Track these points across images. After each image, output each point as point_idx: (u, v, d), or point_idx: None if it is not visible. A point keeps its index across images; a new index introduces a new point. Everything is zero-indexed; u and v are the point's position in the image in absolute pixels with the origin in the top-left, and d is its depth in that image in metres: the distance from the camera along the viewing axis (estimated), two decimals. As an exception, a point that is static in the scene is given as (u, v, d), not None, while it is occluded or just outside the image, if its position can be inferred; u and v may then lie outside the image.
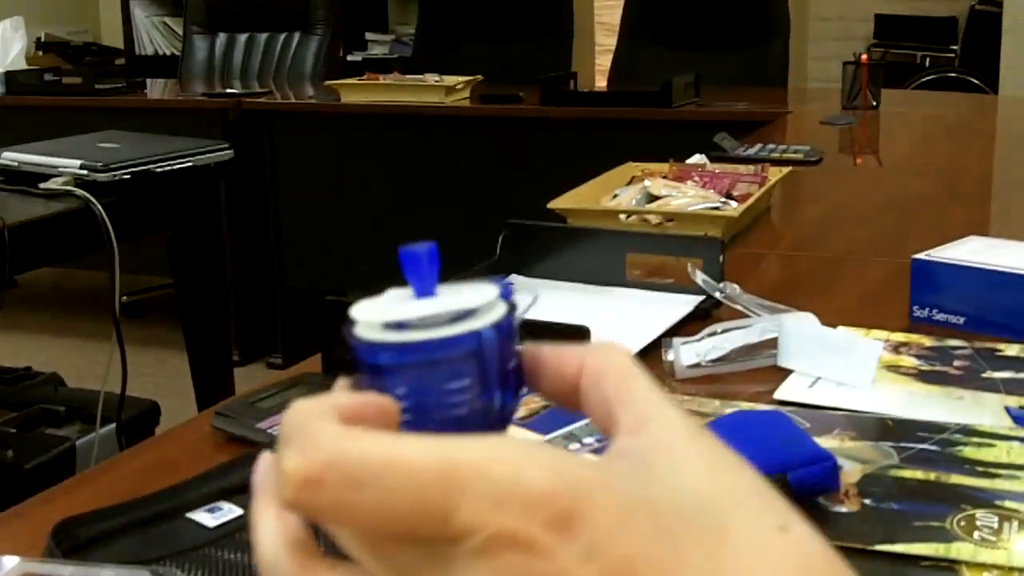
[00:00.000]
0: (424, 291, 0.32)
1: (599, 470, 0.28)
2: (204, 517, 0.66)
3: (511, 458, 0.27)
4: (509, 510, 0.26)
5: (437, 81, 3.16)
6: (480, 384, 0.31)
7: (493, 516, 0.26)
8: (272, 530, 0.30)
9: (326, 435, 0.28)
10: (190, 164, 2.01)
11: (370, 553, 0.28)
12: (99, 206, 1.80)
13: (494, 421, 0.32)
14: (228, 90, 3.46)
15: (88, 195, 1.81)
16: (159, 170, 1.95)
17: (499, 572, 0.26)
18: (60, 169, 1.88)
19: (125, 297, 3.57)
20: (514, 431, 0.66)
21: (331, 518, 0.28)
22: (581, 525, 0.26)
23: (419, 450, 0.27)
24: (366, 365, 0.31)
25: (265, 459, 0.31)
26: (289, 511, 0.29)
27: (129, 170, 1.89)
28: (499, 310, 0.31)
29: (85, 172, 1.86)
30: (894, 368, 0.90)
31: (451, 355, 0.30)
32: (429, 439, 0.27)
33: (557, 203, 1.39)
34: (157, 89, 3.81)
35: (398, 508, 0.27)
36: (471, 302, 0.31)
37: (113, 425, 1.91)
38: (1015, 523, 0.63)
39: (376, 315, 0.31)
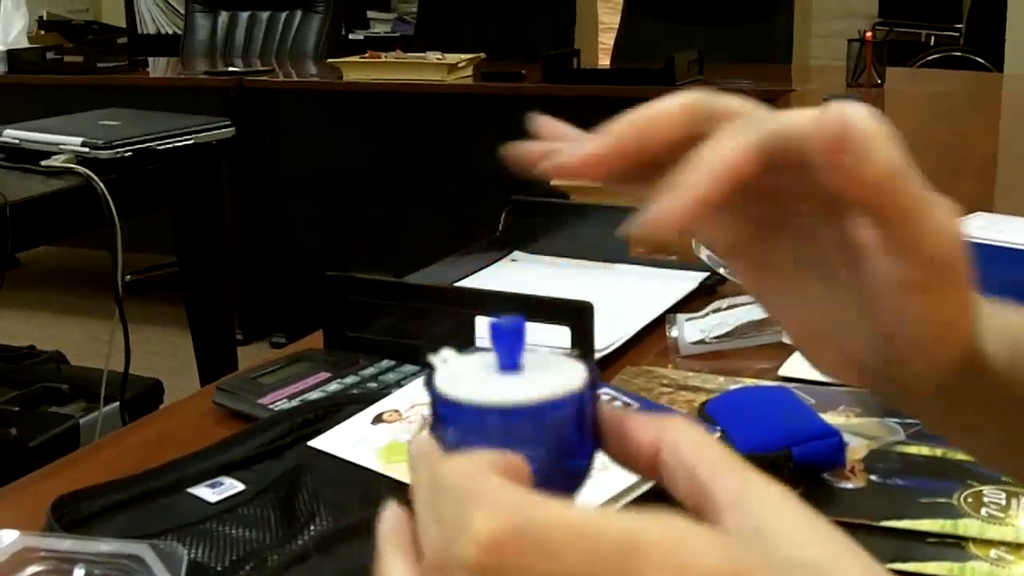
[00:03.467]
0: (510, 365, 0.33)
1: (746, 549, 0.30)
2: (205, 492, 0.66)
3: (687, 536, 0.28)
4: None
5: (439, 59, 3.14)
6: (568, 447, 0.32)
7: None
8: None
9: (510, 498, 0.28)
10: (191, 141, 2.00)
11: None
12: (100, 183, 1.79)
13: (579, 479, 0.33)
14: (230, 68, 3.45)
15: (90, 172, 1.80)
16: (161, 147, 1.94)
17: None
18: (61, 146, 1.87)
19: (128, 276, 3.56)
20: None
21: None
22: None
23: (604, 521, 0.28)
24: (465, 424, 0.32)
25: (394, 512, 0.33)
26: (460, 573, 0.29)
27: (131, 147, 1.88)
28: (585, 377, 0.33)
29: (86, 149, 1.85)
30: (900, 344, 0.89)
31: (553, 418, 0.32)
32: (607, 511, 0.29)
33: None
34: (159, 67, 3.80)
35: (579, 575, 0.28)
36: (565, 385, 0.32)
37: (117, 403, 1.91)
38: (1023, 500, 0.63)
39: (474, 391, 0.32)
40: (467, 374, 0.33)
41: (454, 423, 0.32)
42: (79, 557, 0.51)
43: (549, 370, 0.33)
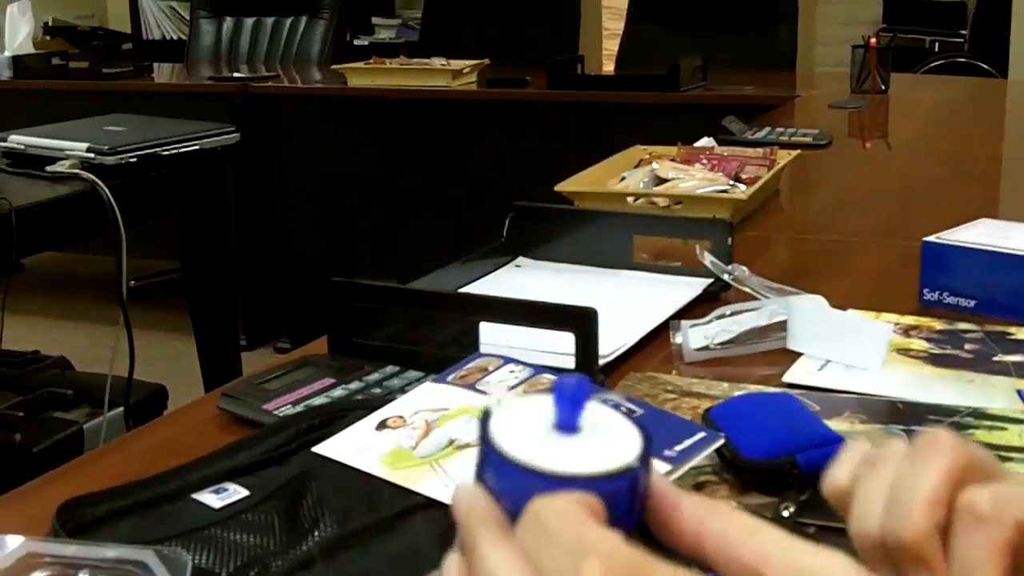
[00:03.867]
0: (569, 426, 0.33)
1: None
2: (210, 498, 0.66)
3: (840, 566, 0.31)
4: None
5: (444, 65, 3.14)
6: (616, 517, 0.33)
7: None
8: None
9: (623, 552, 0.30)
10: (196, 147, 2.00)
11: None
12: (106, 189, 1.79)
13: None
14: (235, 74, 3.45)
15: (95, 178, 1.80)
16: (165, 153, 1.94)
17: None
18: (67, 152, 1.87)
19: (133, 281, 3.57)
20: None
21: None
22: None
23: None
24: (519, 482, 0.32)
25: (469, 489, 0.33)
26: None
27: (136, 153, 1.88)
28: (640, 447, 0.34)
29: (92, 155, 1.85)
30: (904, 351, 0.89)
31: (606, 491, 0.33)
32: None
33: (564, 186, 1.39)
34: (164, 73, 3.80)
35: None
36: (621, 458, 0.33)
37: (121, 409, 1.91)
38: (1026, 506, 0.63)
39: (532, 453, 0.32)
40: (524, 429, 0.33)
41: (508, 479, 0.32)
42: (84, 563, 0.51)
43: (606, 437, 0.33)
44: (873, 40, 2.79)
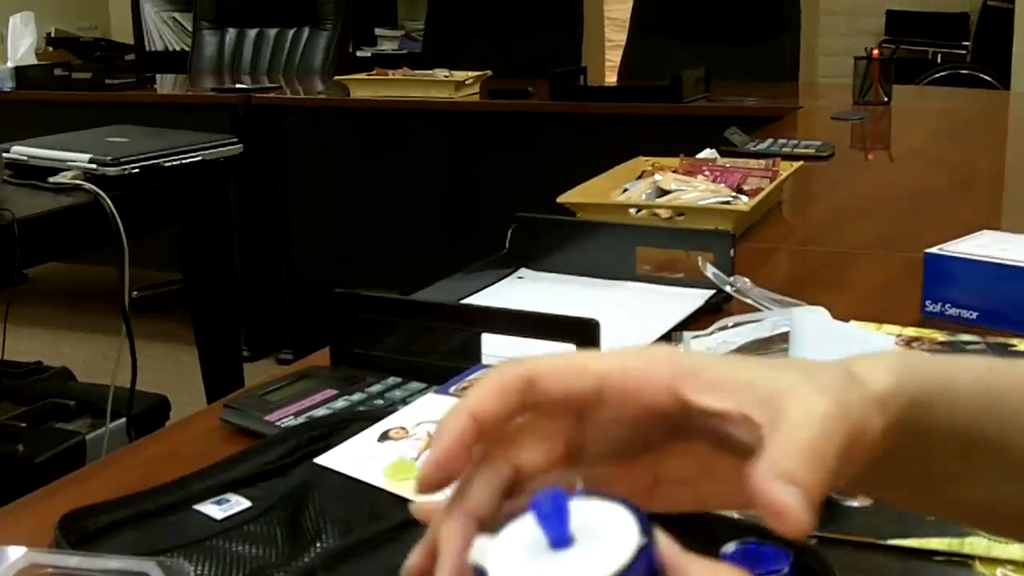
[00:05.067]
0: (560, 541, 0.33)
1: None
2: (211, 509, 0.66)
3: None
4: None
5: (446, 76, 3.15)
6: None
7: None
8: None
9: None
10: (199, 158, 2.01)
11: None
12: (108, 200, 1.80)
13: None
14: (237, 85, 3.46)
15: (97, 189, 1.81)
16: (168, 164, 1.94)
17: None
18: (69, 163, 1.88)
19: (135, 292, 3.57)
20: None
21: None
22: None
23: None
24: None
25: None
26: None
27: (138, 164, 1.89)
28: (637, 534, 0.33)
29: (94, 166, 1.86)
30: (906, 362, 0.89)
31: None
32: None
33: (566, 197, 1.39)
34: (167, 84, 3.81)
35: None
36: (619, 558, 0.32)
37: (123, 420, 1.91)
38: (1029, 518, 0.63)
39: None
40: (520, 559, 0.33)
41: None
42: (86, 573, 0.51)
43: (601, 538, 0.33)
44: (876, 51, 2.80)
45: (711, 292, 1.05)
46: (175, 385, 2.55)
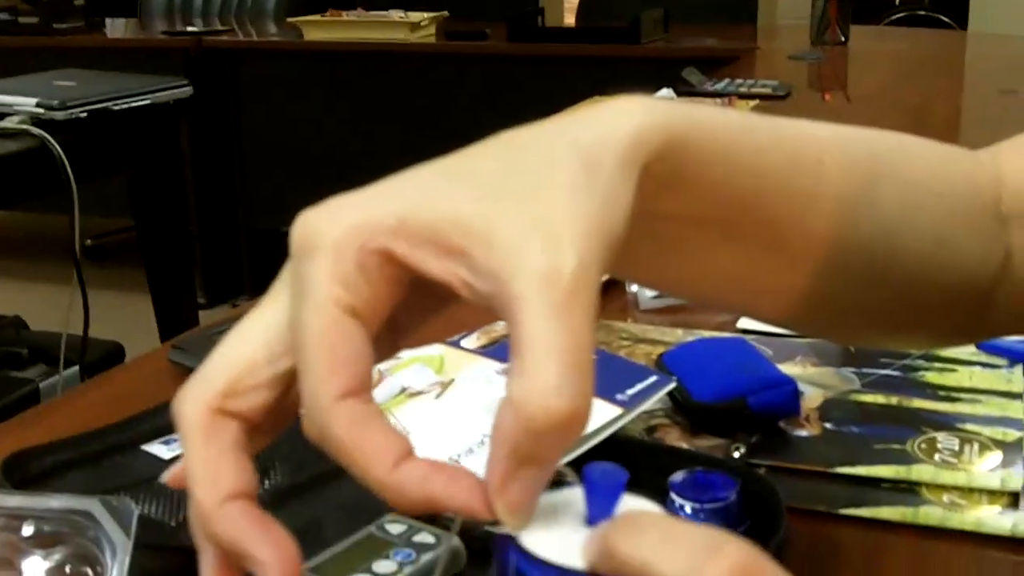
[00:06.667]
0: (599, 519, 0.31)
1: None
2: (159, 449, 0.66)
3: None
4: None
5: (402, 17, 3.11)
6: None
7: None
8: None
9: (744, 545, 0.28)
10: (148, 102, 1.97)
11: None
12: (56, 145, 1.76)
13: None
14: (188, 28, 3.40)
15: (45, 133, 1.77)
16: (117, 108, 1.91)
17: None
18: (15, 107, 1.84)
19: (89, 241, 3.53)
20: (489, 364, 0.65)
21: None
22: None
23: None
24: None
25: None
26: None
27: (86, 108, 1.85)
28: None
29: (41, 110, 1.82)
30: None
31: None
32: None
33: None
34: (117, 28, 3.73)
35: None
36: None
37: (76, 367, 1.89)
38: (975, 445, 0.63)
39: (563, 550, 0.30)
40: (551, 524, 0.31)
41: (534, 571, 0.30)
42: (28, 513, 0.50)
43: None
44: (833, -8, 2.79)
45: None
46: (130, 333, 2.52)
